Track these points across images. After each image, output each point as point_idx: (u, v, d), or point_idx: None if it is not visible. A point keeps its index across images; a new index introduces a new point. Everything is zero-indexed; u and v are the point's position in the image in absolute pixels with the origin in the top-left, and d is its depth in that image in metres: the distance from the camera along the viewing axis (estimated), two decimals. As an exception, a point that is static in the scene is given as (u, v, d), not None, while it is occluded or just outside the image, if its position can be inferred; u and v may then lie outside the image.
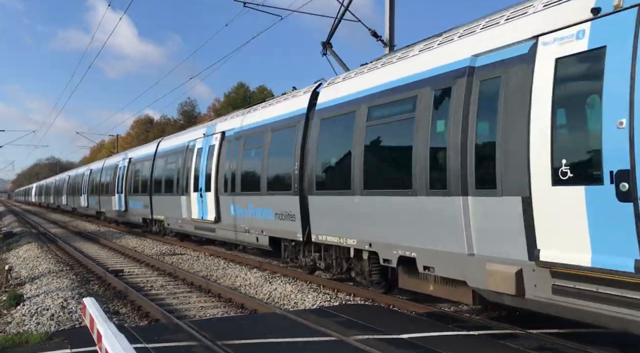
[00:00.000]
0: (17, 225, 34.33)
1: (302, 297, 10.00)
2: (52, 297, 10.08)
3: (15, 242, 22.43)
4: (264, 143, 12.91)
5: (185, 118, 77.32)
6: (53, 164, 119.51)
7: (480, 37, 7.34)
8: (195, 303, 10.03)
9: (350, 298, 9.84)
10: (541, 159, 6.00)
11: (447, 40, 8.13)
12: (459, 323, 7.52)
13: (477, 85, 7.04)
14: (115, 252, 18.49)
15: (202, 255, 17.07)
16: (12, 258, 17.28)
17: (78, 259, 16.22)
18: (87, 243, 21.94)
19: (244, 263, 14.67)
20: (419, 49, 8.76)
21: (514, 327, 7.16)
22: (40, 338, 6.99)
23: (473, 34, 7.59)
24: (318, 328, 7.07)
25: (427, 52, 8.42)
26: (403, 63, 8.90)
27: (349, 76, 10.58)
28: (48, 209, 64.21)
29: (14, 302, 9.83)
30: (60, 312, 8.91)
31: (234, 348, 6.20)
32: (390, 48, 15.82)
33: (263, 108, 13.96)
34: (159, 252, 18.02)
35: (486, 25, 7.45)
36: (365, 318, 7.67)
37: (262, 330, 7.09)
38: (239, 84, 70.36)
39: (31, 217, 48.01)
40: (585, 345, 6.29)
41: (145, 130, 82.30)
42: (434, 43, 8.45)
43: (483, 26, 7.50)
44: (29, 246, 20.08)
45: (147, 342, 6.40)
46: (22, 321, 8.53)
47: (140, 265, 15.26)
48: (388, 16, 16.04)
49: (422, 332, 6.86)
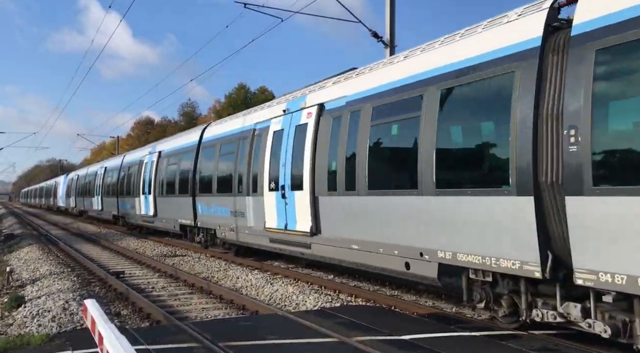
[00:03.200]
0: (18, 227, 34.35)
1: (303, 298, 9.99)
2: (53, 298, 10.07)
3: (16, 244, 22.45)
4: (423, 110, 8.12)
5: (186, 119, 77.37)
6: (54, 166, 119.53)
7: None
8: (197, 304, 10.02)
9: (352, 300, 9.83)
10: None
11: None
12: (461, 324, 7.50)
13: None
14: (116, 254, 18.48)
15: (203, 256, 17.05)
16: (14, 260, 17.29)
17: (79, 261, 16.22)
18: (88, 245, 21.93)
19: (245, 265, 14.65)
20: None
21: (516, 328, 7.14)
22: (42, 340, 6.98)
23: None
24: (319, 330, 7.05)
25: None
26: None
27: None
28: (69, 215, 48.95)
29: (15, 304, 9.83)
30: (62, 314, 8.90)
31: (235, 350, 6.19)
32: (391, 49, 15.83)
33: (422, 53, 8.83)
34: (160, 254, 18.01)
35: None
36: (367, 319, 7.66)
37: (264, 331, 7.08)
38: (239, 85, 70.43)
39: (32, 218, 48.03)
40: (588, 345, 6.28)
41: (145, 132, 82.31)
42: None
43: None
44: (30, 248, 20.09)
45: (149, 344, 6.39)
46: (24, 323, 8.53)
47: (141, 266, 15.26)
48: (388, 17, 16.05)
49: (423, 333, 6.85)
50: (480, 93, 7.26)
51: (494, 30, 7.33)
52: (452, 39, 8.12)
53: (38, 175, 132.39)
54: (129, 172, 26.01)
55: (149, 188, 22.04)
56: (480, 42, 7.42)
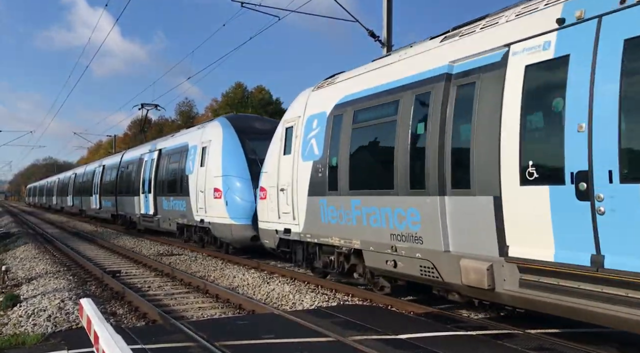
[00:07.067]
0: (14, 226, 34.25)
1: (300, 298, 9.99)
2: (49, 298, 10.04)
3: (12, 243, 22.38)
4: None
5: (182, 118, 77.29)
6: (50, 164, 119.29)
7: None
8: (193, 304, 10.01)
9: (348, 299, 9.83)
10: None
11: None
12: (457, 323, 7.51)
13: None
14: (112, 253, 18.44)
15: (199, 255, 17.03)
16: (9, 259, 17.22)
17: (75, 260, 16.18)
18: (84, 243, 21.88)
19: (241, 264, 14.64)
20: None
21: (513, 327, 7.15)
22: (37, 340, 6.95)
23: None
24: (316, 329, 7.05)
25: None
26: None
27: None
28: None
29: (10, 303, 9.79)
30: (57, 313, 8.87)
31: (232, 349, 6.18)
32: (388, 48, 15.82)
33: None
34: (156, 253, 17.97)
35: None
36: (363, 318, 7.65)
37: (260, 330, 7.07)
38: (236, 84, 70.42)
39: (29, 217, 47.93)
40: (584, 345, 6.29)
41: (142, 130, 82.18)
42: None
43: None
44: (25, 247, 20.04)
45: (145, 343, 6.38)
46: (19, 322, 8.49)
47: (137, 265, 15.23)
48: (385, 16, 16.05)
49: (420, 333, 6.85)
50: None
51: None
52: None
53: (35, 173, 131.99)
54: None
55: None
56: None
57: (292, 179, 11.18)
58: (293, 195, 11.13)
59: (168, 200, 20.17)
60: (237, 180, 15.44)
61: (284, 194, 11.52)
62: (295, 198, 11.05)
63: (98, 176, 33.55)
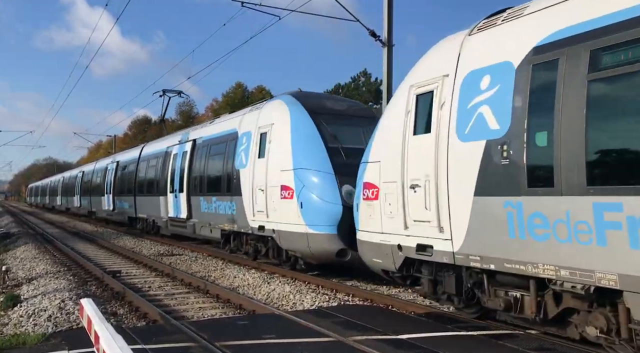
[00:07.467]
0: (14, 226, 34.26)
1: (300, 298, 9.99)
2: (49, 298, 10.04)
3: (12, 243, 22.39)
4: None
5: (183, 118, 77.25)
6: (50, 164, 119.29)
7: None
8: (193, 304, 10.01)
9: (349, 299, 9.83)
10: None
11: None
12: (458, 323, 7.51)
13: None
14: (112, 253, 18.44)
15: (200, 255, 17.03)
16: (9, 259, 17.22)
17: (75, 260, 16.17)
18: (84, 243, 21.88)
19: (242, 264, 14.64)
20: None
21: (513, 327, 7.16)
22: (38, 340, 6.96)
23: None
24: (316, 329, 7.05)
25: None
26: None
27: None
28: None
29: (11, 303, 9.79)
30: (58, 313, 8.87)
31: (232, 349, 6.19)
32: (389, 48, 15.83)
33: None
34: (156, 253, 17.97)
35: None
36: (364, 318, 7.66)
37: (261, 331, 7.08)
38: (237, 83, 70.49)
39: (28, 217, 47.96)
40: (584, 344, 6.29)
41: (142, 130, 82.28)
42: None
43: None
44: (26, 247, 20.03)
45: (145, 343, 6.38)
46: (19, 322, 8.49)
47: (138, 265, 15.23)
48: (386, 16, 16.05)
49: (421, 333, 6.86)
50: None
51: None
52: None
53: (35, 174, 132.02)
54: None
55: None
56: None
57: (435, 170, 7.69)
58: (439, 194, 7.59)
59: (208, 201, 16.41)
60: (315, 174, 11.65)
61: (416, 193, 8.03)
62: (445, 199, 7.49)
63: (111, 173, 29.57)
